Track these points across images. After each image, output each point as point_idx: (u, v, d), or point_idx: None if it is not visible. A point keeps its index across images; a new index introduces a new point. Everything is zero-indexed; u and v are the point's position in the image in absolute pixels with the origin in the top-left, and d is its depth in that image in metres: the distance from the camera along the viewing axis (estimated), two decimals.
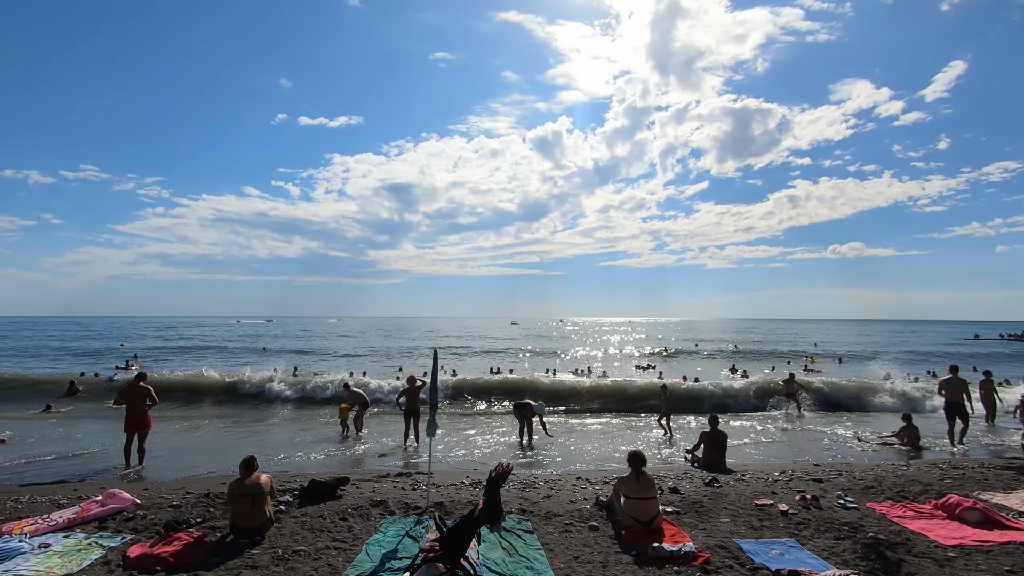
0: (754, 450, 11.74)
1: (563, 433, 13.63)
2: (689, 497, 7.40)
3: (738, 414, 16.88)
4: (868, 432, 13.43)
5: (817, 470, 9.13)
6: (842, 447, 12.13)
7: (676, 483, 8.10)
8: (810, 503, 7.06)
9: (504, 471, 4.66)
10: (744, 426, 14.69)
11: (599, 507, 6.90)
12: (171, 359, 36.67)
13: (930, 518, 6.65)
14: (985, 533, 6.15)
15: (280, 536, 5.97)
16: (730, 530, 6.29)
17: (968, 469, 9.05)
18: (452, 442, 12.46)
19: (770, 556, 5.60)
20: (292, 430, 14.10)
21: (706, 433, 9.89)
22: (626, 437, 13.11)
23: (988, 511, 6.54)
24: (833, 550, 5.72)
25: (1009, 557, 5.54)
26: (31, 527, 6.15)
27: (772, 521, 6.57)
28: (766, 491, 7.71)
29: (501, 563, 5.39)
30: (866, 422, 15.61)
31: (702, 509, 6.98)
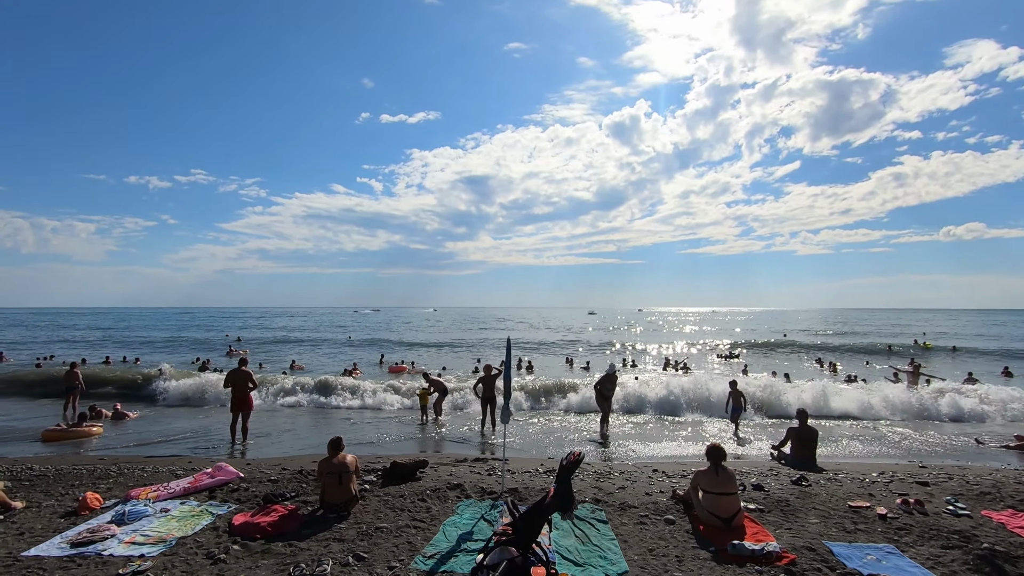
0: (853, 447, 10.94)
1: (639, 426, 13.38)
2: (774, 495, 7.03)
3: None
4: (986, 435, 12.09)
5: (923, 472, 8.36)
6: (957, 449, 11.02)
7: (760, 480, 7.72)
8: (913, 507, 6.48)
9: (575, 459, 4.65)
10: (841, 424, 13.70)
11: (676, 501, 6.72)
12: (278, 349, 39.66)
13: None
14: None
15: (364, 513, 6.33)
16: (819, 532, 5.91)
17: None
18: (529, 431, 12.59)
19: (864, 562, 5.21)
20: (376, 416, 14.85)
21: (793, 429, 9.32)
22: (704, 435, 12.66)
23: None
24: (940, 559, 5.24)
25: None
26: (154, 493, 6.93)
27: (868, 525, 6.11)
28: (862, 492, 7.16)
29: (574, 551, 5.40)
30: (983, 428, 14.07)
31: (788, 508, 6.61)
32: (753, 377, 20.62)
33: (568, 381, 20.55)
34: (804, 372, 25.09)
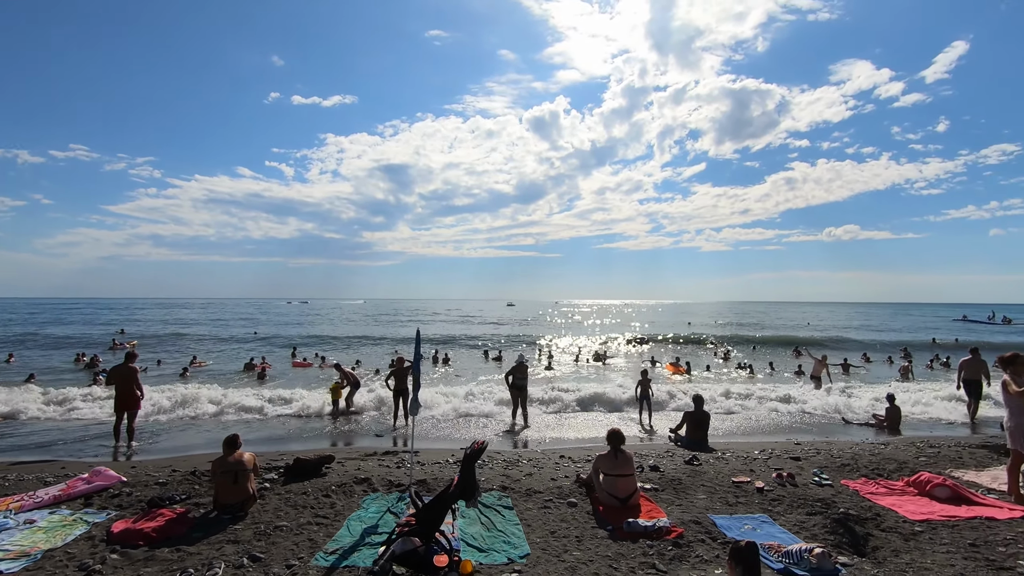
0: (738, 426, 11.94)
1: (551, 416, 13.78)
2: (668, 474, 7.54)
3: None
4: (851, 414, 13.61)
5: (797, 448, 9.29)
6: (826, 427, 12.33)
7: (657, 461, 8.24)
8: (786, 480, 7.20)
9: (479, 448, 4.74)
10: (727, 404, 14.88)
11: (579, 484, 7.03)
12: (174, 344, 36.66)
13: (901, 494, 6.80)
14: (953, 509, 6.31)
15: (263, 512, 6.07)
16: (706, 506, 6.43)
17: (944, 448, 9.23)
18: (442, 422, 12.58)
19: (742, 531, 5.74)
20: (284, 412, 14.21)
21: (689, 413, 10.03)
22: (614, 422, 13.27)
23: (957, 488, 6.70)
24: (804, 525, 5.87)
25: (973, 532, 5.69)
26: (16, 504, 6.23)
27: (748, 498, 6.72)
28: (744, 469, 7.86)
29: (479, 537, 5.51)
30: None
31: (680, 486, 7.12)
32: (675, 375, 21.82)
33: (483, 374, 20.75)
34: (700, 361, 26.93)
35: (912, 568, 4.96)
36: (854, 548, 5.45)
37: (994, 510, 6.24)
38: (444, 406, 13.79)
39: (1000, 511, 6.21)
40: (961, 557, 5.13)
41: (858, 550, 5.42)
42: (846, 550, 5.37)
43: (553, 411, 13.92)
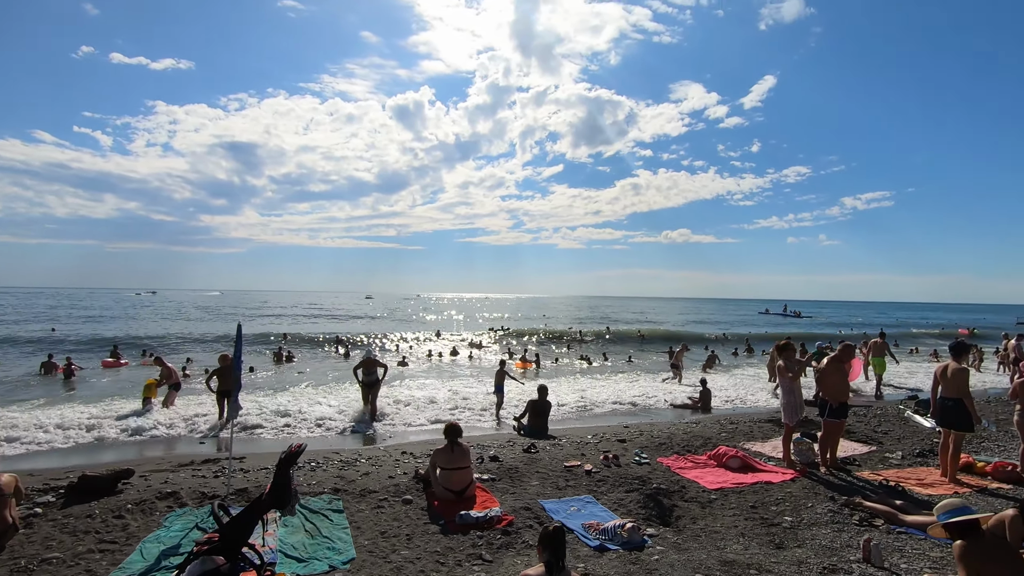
0: (577, 413, 12.72)
1: (405, 408, 13.48)
2: (507, 464, 7.73)
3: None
4: (677, 397, 15.22)
5: (625, 431, 10.11)
6: (652, 410, 13.65)
7: (498, 451, 8.42)
8: (611, 461, 7.77)
9: (294, 452, 4.38)
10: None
11: (417, 480, 6.91)
12: None
13: (704, 467, 7.72)
14: (741, 476, 7.30)
15: (28, 544, 5.04)
16: (538, 492, 6.69)
17: (741, 424, 10.69)
18: (278, 422, 11.63)
19: (568, 513, 6.06)
20: (81, 418, 12.09)
21: (532, 402, 10.42)
22: (464, 416, 13.35)
23: (746, 458, 7.77)
24: (622, 502, 6.37)
25: (755, 495, 6.63)
26: None
27: (577, 480, 7.13)
28: (577, 453, 8.34)
29: (300, 546, 5.13)
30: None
31: (516, 474, 7.33)
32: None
33: (332, 371, 19.68)
34: (552, 354, 28.38)
35: (705, 532, 5.62)
36: (661, 519, 6.04)
37: (771, 475, 7.34)
38: (287, 406, 12.78)
39: (775, 476, 7.32)
40: (743, 518, 5.94)
41: (664, 521, 6.02)
42: (654, 522, 5.93)
43: (404, 407, 13.61)
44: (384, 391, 13.30)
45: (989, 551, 3.48)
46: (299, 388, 15.65)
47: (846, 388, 7.64)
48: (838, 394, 7.48)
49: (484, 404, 13.44)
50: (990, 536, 4.36)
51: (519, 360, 23.37)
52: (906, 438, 9.50)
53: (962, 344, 7.41)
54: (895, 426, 10.43)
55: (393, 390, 15.03)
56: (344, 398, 13.61)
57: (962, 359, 7.22)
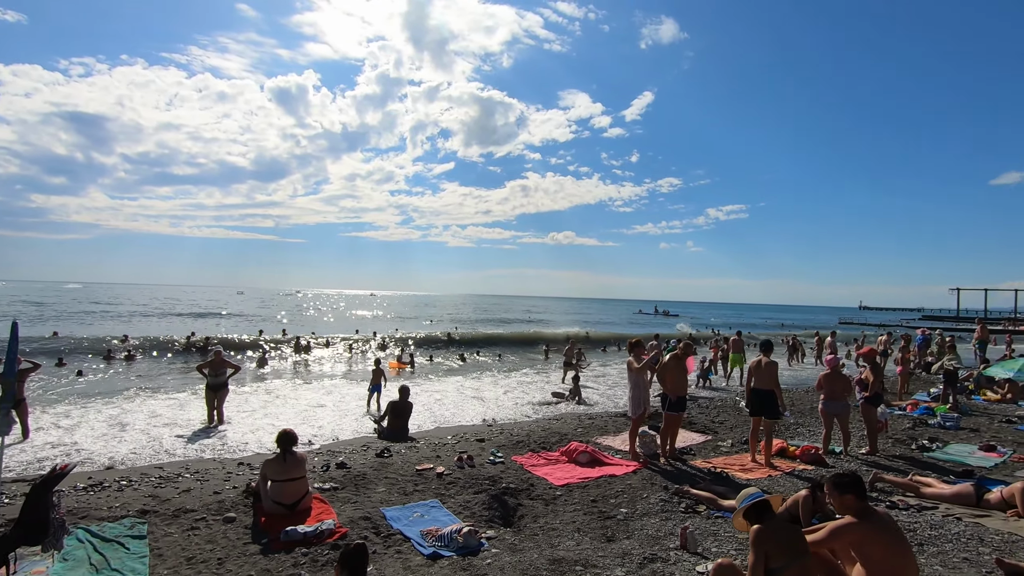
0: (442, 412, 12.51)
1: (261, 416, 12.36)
2: (355, 470, 7.29)
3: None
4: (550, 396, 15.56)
5: (487, 430, 10.07)
6: (519, 408, 13.82)
7: (348, 457, 7.95)
8: (465, 462, 7.64)
9: (57, 474, 3.67)
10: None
11: (247, 495, 6.25)
12: None
13: (555, 464, 7.85)
14: (589, 471, 7.52)
15: None
16: (382, 499, 6.35)
17: (598, 419, 11.13)
18: (75, 435, 10.08)
19: (410, 520, 5.80)
20: None
21: (393, 403, 10.01)
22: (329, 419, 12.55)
23: (595, 453, 8.03)
24: (468, 504, 6.24)
25: (598, 489, 6.83)
26: None
27: (427, 484, 6.89)
28: (432, 456, 8.11)
29: None
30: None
31: (363, 481, 6.93)
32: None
33: (170, 374, 17.79)
34: (438, 353, 27.95)
35: (543, 530, 5.65)
36: (504, 520, 5.99)
37: (616, 468, 7.65)
38: (113, 416, 11.15)
39: (620, 468, 7.64)
40: (583, 513, 6.07)
41: (507, 521, 5.98)
42: (496, 523, 5.86)
43: (255, 412, 12.49)
44: (234, 394, 12.13)
45: (779, 533, 3.71)
46: (130, 392, 13.79)
47: (684, 383, 8.19)
48: (677, 388, 7.98)
49: (352, 407, 12.72)
50: (781, 517, 4.80)
51: (394, 360, 22.68)
52: (738, 427, 10.44)
53: (769, 342, 8.29)
54: (730, 416, 11.46)
55: (245, 394, 13.78)
56: (184, 402, 12.19)
57: (771, 354, 8.09)
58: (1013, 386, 12.84)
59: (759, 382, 8.04)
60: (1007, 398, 13.12)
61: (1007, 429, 10.36)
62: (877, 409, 8.69)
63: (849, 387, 8.59)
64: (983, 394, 14.04)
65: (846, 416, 8.44)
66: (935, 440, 9.33)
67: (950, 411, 11.36)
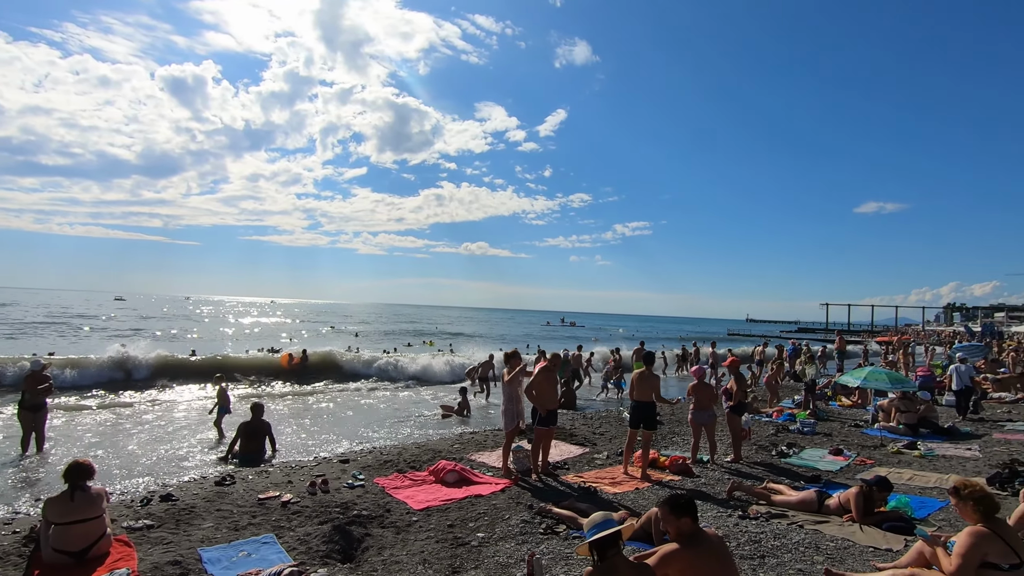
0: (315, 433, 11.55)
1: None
2: (183, 503, 6.32)
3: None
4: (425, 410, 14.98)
5: (356, 449, 9.33)
6: (405, 422, 13.14)
7: (179, 488, 6.93)
8: (319, 487, 6.90)
9: None
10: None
11: (28, 542, 5.15)
12: None
13: (420, 484, 7.32)
14: (454, 491, 7.06)
15: None
16: (206, 537, 5.49)
17: (480, 434, 10.73)
18: None
19: (232, 561, 5.03)
20: None
21: (244, 424, 9.01)
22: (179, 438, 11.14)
23: (464, 471, 7.59)
24: (308, 537, 5.53)
25: (460, 511, 6.37)
26: None
27: (266, 516, 6.09)
28: (283, 481, 7.28)
29: None
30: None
31: (189, 516, 6.00)
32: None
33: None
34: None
35: (386, 564, 5.09)
36: (344, 554, 5.36)
37: (484, 487, 7.24)
38: None
39: (488, 487, 7.24)
40: (435, 541, 5.58)
41: (347, 555, 5.35)
42: (334, 558, 5.22)
43: (75, 435, 10.86)
44: (71, 416, 10.46)
45: (620, 571, 3.35)
46: None
47: (555, 396, 7.99)
48: (547, 402, 7.75)
49: (208, 433, 11.38)
50: (640, 532, 4.64)
51: (284, 352, 21.22)
52: (617, 438, 10.46)
53: (651, 354, 8.34)
54: (612, 426, 11.51)
55: (88, 414, 12.00)
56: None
57: (650, 368, 8.12)
58: (862, 392, 14.06)
59: (640, 394, 8.00)
60: (857, 403, 14.36)
61: (855, 433, 11.22)
62: (741, 418, 8.99)
63: (715, 397, 8.84)
64: (839, 400, 15.31)
65: (712, 425, 8.65)
66: (792, 446, 9.86)
67: (809, 417, 12.16)
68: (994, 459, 8.71)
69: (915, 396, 11.53)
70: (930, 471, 8.26)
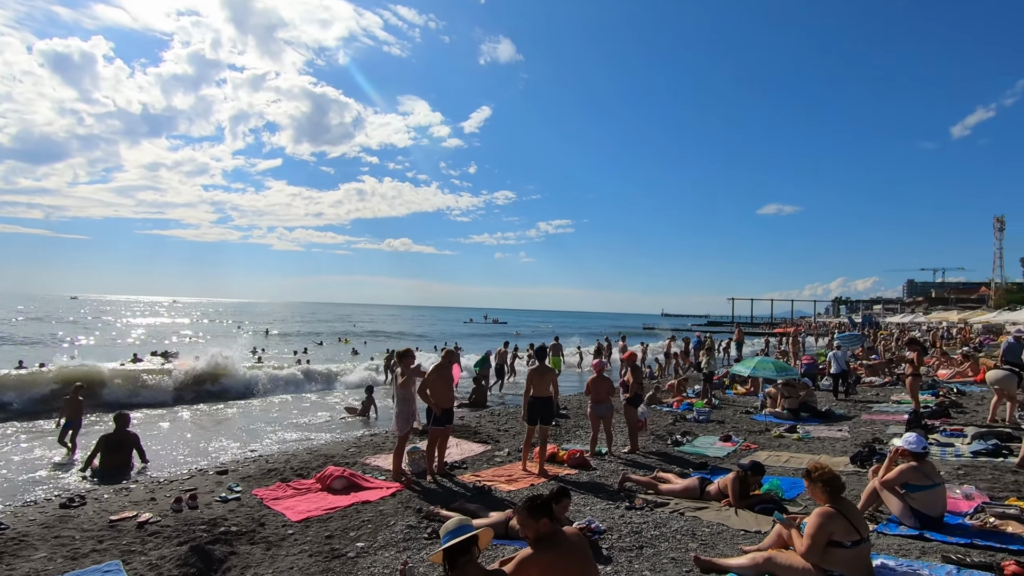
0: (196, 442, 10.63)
1: None
2: (15, 530, 5.50)
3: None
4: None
5: (238, 459, 8.66)
6: (315, 429, 12.43)
7: (15, 512, 6.06)
8: (185, 503, 6.26)
9: None
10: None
11: None
12: None
13: (304, 494, 6.85)
14: (340, 499, 6.65)
15: None
16: (33, 570, 4.78)
17: (380, 436, 10.32)
18: None
19: None
20: None
21: (105, 436, 8.08)
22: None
23: (353, 477, 7.19)
24: (160, 562, 4.96)
25: (342, 520, 5.99)
26: None
27: (116, 540, 5.42)
28: (144, 499, 6.55)
29: None
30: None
31: (18, 546, 5.21)
32: None
33: None
34: None
35: None
36: None
37: (373, 492, 6.89)
38: None
39: (377, 492, 6.89)
40: (308, 555, 5.18)
41: None
42: None
43: None
44: None
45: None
46: None
47: (450, 395, 7.75)
48: (442, 401, 7.50)
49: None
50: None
51: (160, 353, 19.63)
52: (521, 434, 10.39)
53: (543, 348, 8.31)
54: (518, 423, 11.45)
55: None
56: None
57: (548, 361, 8.08)
58: (754, 381, 14.97)
59: (538, 390, 7.92)
60: (750, 391, 15.30)
61: (745, 419, 11.88)
62: (638, 409, 9.21)
63: (613, 389, 8.99)
64: (735, 389, 16.24)
65: (610, 417, 8.79)
66: (687, 434, 10.25)
67: (706, 406, 12.75)
68: (860, 439, 9.47)
69: (797, 383, 12.38)
70: (805, 453, 8.84)
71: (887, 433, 9.70)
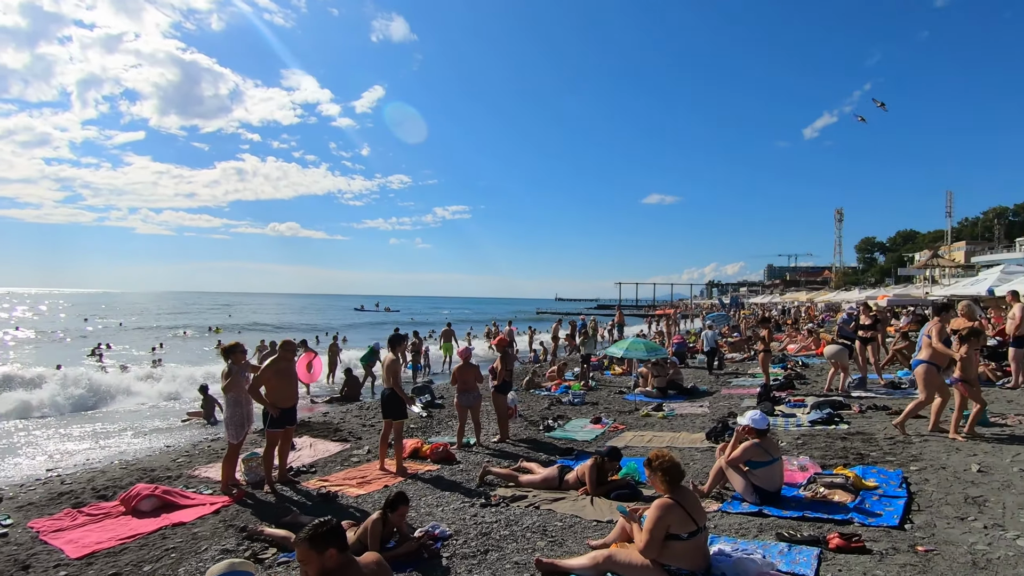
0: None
1: None
2: None
3: None
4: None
5: (26, 483, 7.12)
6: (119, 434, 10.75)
7: None
8: None
9: None
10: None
11: None
12: None
13: (100, 520, 5.67)
14: (147, 523, 5.57)
15: None
16: None
17: (221, 442, 9.05)
18: None
19: None
20: None
21: None
22: None
23: (166, 495, 6.08)
24: None
25: (140, 551, 4.98)
26: None
27: None
28: None
29: None
30: None
31: None
32: None
33: None
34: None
35: None
36: None
37: (191, 511, 5.86)
38: None
39: (197, 510, 5.88)
40: None
41: None
42: None
43: None
44: None
45: None
46: None
47: (291, 392, 6.82)
48: (280, 400, 6.57)
49: None
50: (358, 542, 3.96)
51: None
52: None
53: (397, 336, 7.68)
54: None
55: None
56: None
57: (396, 351, 7.44)
58: (629, 361, 15.42)
59: (386, 381, 7.27)
60: (625, 371, 15.75)
61: (618, 400, 12.08)
62: (507, 396, 8.88)
63: (480, 376, 8.57)
64: (612, 369, 16.68)
65: (477, 407, 8.38)
66: (560, 418, 10.14)
67: (583, 388, 12.84)
68: (718, 413, 9.88)
69: (666, 362, 12.82)
70: (667, 431, 9.02)
71: (742, 407, 10.22)
